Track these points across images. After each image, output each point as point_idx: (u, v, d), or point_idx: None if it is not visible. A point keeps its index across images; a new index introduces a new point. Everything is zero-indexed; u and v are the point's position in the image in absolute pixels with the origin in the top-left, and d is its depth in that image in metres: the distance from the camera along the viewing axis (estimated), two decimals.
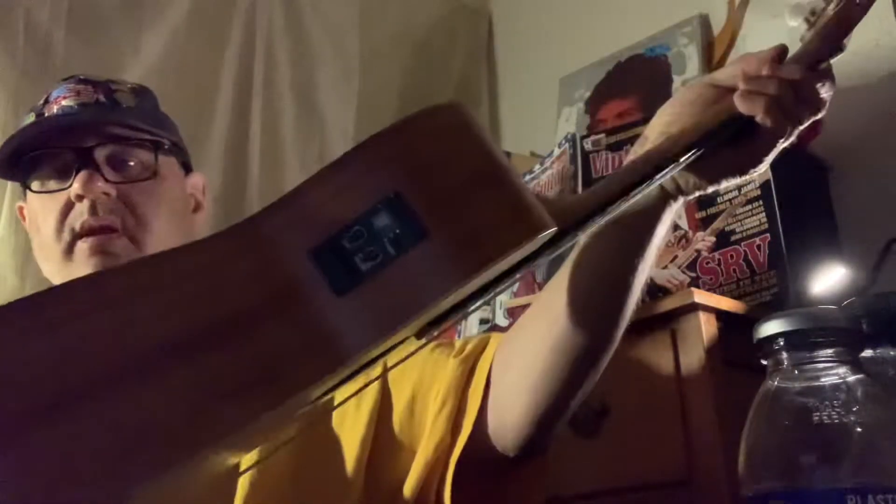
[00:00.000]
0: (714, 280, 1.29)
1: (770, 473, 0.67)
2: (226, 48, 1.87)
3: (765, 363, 0.72)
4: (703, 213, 1.33)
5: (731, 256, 1.29)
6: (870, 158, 1.45)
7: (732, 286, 1.27)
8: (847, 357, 0.69)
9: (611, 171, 1.46)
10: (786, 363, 0.70)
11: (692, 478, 1.07)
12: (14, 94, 1.54)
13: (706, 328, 1.11)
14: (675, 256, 1.33)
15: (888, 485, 0.63)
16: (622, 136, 1.48)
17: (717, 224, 1.32)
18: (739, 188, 1.30)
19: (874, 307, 0.82)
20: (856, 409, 0.66)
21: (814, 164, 1.46)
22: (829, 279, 1.29)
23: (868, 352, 0.77)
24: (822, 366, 0.69)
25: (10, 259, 1.45)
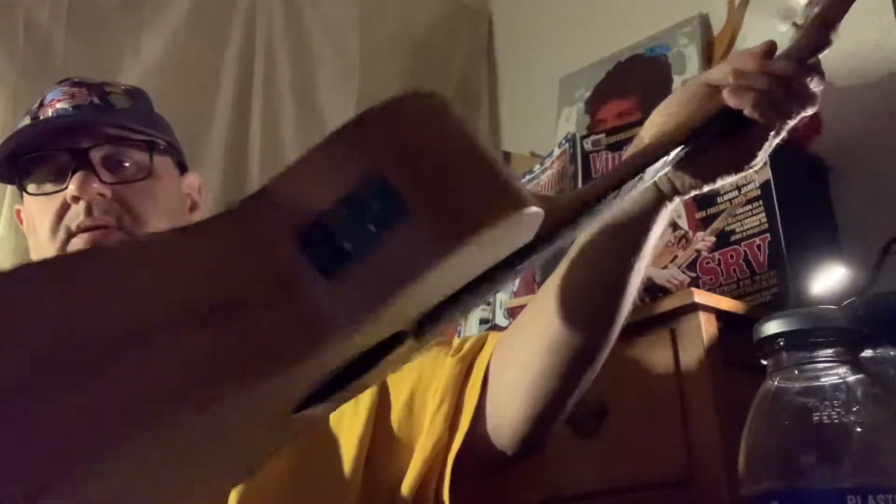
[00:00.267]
0: (714, 280, 1.29)
1: (770, 473, 0.67)
2: (226, 48, 1.88)
3: (765, 363, 0.72)
4: (703, 213, 1.33)
5: (731, 256, 1.29)
6: (870, 158, 1.45)
7: (732, 286, 1.27)
8: (847, 357, 0.69)
9: None
10: (786, 363, 0.70)
11: (692, 478, 1.07)
12: (14, 94, 1.55)
13: (706, 328, 1.11)
14: (675, 256, 1.33)
15: (888, 485, 0.63)
16: (622, 136, 1.48)
17: (717, 224, 1.31)
18: (739, 188, 1.30)
19: (874, 307, 0.82)
20: (856, 409, 0.66)
21: (814, 164, 1.46)
22: (829, 279, 1.29)
23: (868, 352, 0.77)
24: (822, 366, 0.69)
25: (10, 259, 1.45)
